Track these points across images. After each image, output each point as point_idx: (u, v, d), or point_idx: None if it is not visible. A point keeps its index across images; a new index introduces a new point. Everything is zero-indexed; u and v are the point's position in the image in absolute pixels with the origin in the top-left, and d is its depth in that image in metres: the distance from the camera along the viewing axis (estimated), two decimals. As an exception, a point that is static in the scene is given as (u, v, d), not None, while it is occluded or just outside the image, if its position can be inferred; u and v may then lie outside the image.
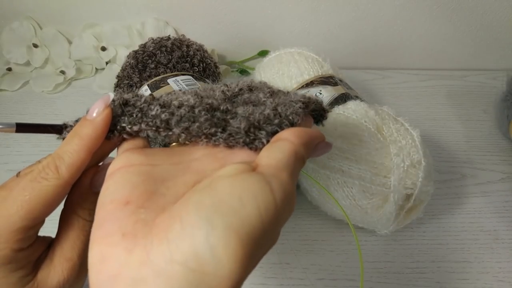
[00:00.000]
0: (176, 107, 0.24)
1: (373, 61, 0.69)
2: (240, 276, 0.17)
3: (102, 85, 0.62)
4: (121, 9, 0.62)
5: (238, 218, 0.17)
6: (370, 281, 0.39)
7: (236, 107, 0.25)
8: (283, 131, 0.23)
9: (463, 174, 0.51)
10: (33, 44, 0.63)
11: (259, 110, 0.24)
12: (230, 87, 0.28)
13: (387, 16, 0.63)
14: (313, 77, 0.47)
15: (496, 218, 0.45)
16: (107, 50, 0.63)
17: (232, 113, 0.25)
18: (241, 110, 0.25)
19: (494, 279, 0.39)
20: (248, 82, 0.29)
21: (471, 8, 0.62)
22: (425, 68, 0.69)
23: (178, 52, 0.50)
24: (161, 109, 0.24)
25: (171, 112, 0.24)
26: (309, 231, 0.43)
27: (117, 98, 0.24)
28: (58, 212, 0.24)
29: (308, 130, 0.24)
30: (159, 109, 0.24)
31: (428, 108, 0.61)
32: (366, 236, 0.43)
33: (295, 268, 0.40)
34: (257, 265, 0.19)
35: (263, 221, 0.18)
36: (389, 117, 0.41)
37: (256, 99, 0.27)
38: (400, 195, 0.36)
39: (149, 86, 0.47)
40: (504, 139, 0.56)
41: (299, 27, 0.65)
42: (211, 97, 0.25)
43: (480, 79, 0.67)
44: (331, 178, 0.39)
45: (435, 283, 0.39)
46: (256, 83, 0.29)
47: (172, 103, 0.24)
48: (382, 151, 0.37)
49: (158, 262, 0.16)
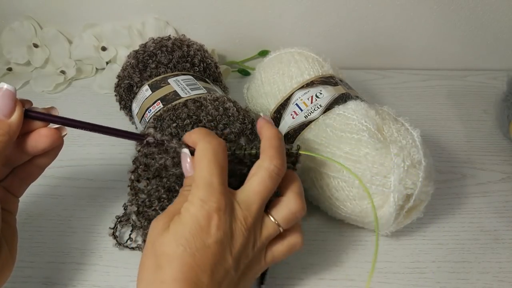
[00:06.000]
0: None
1: (373, 61, 0.69)
2: None
3: (102, 85, 0.62)
4: (122, 9, 0.62)
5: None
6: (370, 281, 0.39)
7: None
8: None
9: (463, 174, 0.51)
10: (34, 44, 0.63)
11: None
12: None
13: (387, 16, 0.63)
14: (314, 77, 0.47)
15: (496, 218, 0.45)
16: (107, 50, 0.63)
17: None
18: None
19: (494, 279, 0.39)
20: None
21: (471, 8, 0.62)
22: (425, 68, 0.69)
23: (179, 52, 0.50)
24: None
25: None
26: (309, 231, 0.43)
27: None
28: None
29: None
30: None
31: (428, 108, 0.61)
32: (366, 236, 0.43)
33: (295, 268, 0.40)
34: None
35: None
36: (389, 117, 0.41)
37: None
38: (400, 195, 0.36)
39: (150, 86, 0.47)
40: (504, 139, 0.56)
41: (299, 27, 0.65)
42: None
43: (480, 79, 0.67)
44: (331, 178, 0.39)
45: (435, 283, 0.39)
46: None
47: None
48: (382, 151, 0.37)
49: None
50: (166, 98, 0.43)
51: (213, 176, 0.28)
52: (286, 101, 0.47)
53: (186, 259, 0.26)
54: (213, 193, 0.28)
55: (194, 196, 0.28)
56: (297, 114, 0.45)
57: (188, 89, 0.44)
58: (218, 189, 0.28)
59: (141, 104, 0.46)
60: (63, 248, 0.41)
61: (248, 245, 0.29)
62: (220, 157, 0.29)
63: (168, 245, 0.27)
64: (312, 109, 0.44)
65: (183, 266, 0.26)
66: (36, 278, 0.38)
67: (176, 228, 0.27)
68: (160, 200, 0.35)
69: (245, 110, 0.43)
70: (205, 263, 0.27)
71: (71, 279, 0.38)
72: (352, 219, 0.41)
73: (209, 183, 0.28)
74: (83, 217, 0.44)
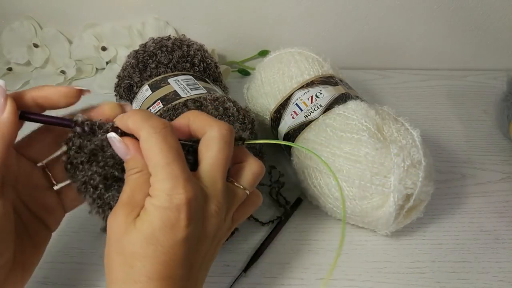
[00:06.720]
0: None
1: (373, 61, 0.69)
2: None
3: (102, 85, 0.62)
4: (122, 9, 0.62)
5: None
6: (370, 281, 0.39)
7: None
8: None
9: (463, 174, 0.51)
10: (34, 44, 0.63)
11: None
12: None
13: (387, 16, 0.63)
14: (314, 77, 0.47)
15: (496, 218, 0.45)
16: (107, 50, 0.63)
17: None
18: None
19: (494, 279, 0.39)
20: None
21: (471, 8, 0.62)
22: (425, 68, 0.69)
23: (179, 52, 0.50)
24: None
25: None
26: (309, 231, 0.43)
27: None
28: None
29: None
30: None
31: (428, 108, 0.61)
32: (366, 236, 0.43)
33: (295, 268, 0.40)
34: (257, 265, 0.20)
35: None
36: (389, 117, 0.41)
37: None
38: (400, 195, 0.36)
39: (150, 86, 0.47)
40: (504, 139, 0.56)
41: (299, 27, 0.65)
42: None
43: (480, 79, 0.67)
44: (332, 178, 0.39)
45: (435, 283, 0.39)
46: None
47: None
48: (382, 151, 0.37)
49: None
50: (166, 98, 0.43)
51: (172, 164, 0.25)
52: (286, 101, 0.47)
53: (159, 257, 0.25)
54: (177, 183, 0.25)
55: (156, 189, 0.25)
56: (297, 114, 0.45)
57: (188, 89, 0.44)
58: (182, 176, 0.25)
59: (141, 104, 0.46)
60: (63, 248, 0.41)
61: (221, 222, 0.28)
62: (171, 140, 0.26)
63: (137, 244, 0.25)
64: (312, 109, 0.44)
65: (157, 264, 0.25)
66: (36, 278, 0.38)
67: (143, 226, 0.25)
68: (96, 188, 0.30)
69: (245, 110, 0.43)
70: (180, 257, 0.26)
71: (70, 279, 0.38)
72: (352, 219, 0.41)
73: (170, 173, 0.25)
74: (83, 217, 0.43)
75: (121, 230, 0.26)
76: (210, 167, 0.28)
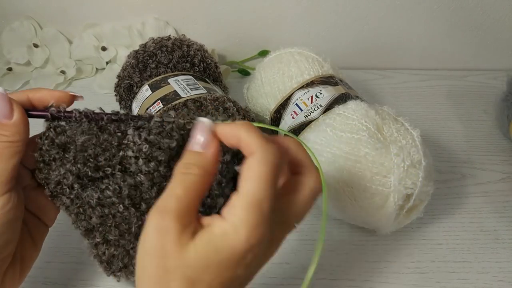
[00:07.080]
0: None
1: (373, 61, 0.69)
2: None
3: (102, 85, 0.62)
4: (122, 9, 0.62)
5: None
6: (370, 281, 0.39)
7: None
8: None
9: (463, 174, 0.51)
10: (34, 44, 0.63)
11: None
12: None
13: (387, 16, 0.63)
14: (314, 77, 0.47)
15: (496, 218, 0.45)
16: (107, 50, 0.63)
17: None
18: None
19: (494, 279, 0.39)
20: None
21: (471, 8, 0.62)
22: (425, 68, 0.69)
23: (179, 52, 0.50)
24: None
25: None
26: (309, 231, 0.43)
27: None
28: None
29: None
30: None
31: (428, 108, 0.61)
32: (366, 236, 0.43)
33: (295, 268, 0.40)
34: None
35: None
36: (389, 117, 0.41)
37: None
38: (400, 195, 0.36)
39: (150, 86, 0.47)
40: (504, 139, 0.56)
41: (299, 27, 0.65)
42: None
43: (480, 79, 0.67)
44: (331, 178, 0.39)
45: (435, 283, 0.39)
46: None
47: None
48: (382, 151, 0.37)
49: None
50: (166, 98, 0.43)
51: (265, 201, 0.23)
52: (286, 101, 0.47)
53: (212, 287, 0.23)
54: (260, 223, 0.22)
55: (238, 218, 0.22)
56: (297, 114, 0.45)
57: (188, 89, 0.44)
58: (267, 217, 0.23)
59: (141, 104, 0.46)
60: (63, 247, 0.41)
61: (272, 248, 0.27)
62: (277, 176, 0.24)
63: (193, 268, 0.22)
64: (312, 109, 0.44)
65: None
66: (36, 278, 0.38)
67: (207, 251, 0.22)
68: (72, 188, 0.28)
69: (245, 110, 0.43)
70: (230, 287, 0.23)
71: (70, 279, 0.38)
72: (352, 219, 0.41)
73: (260, 209, 0.22)
74: (83, 217, 0.43)
75: (171, 240, 0.22)
76: (299, 208, 0.27)
